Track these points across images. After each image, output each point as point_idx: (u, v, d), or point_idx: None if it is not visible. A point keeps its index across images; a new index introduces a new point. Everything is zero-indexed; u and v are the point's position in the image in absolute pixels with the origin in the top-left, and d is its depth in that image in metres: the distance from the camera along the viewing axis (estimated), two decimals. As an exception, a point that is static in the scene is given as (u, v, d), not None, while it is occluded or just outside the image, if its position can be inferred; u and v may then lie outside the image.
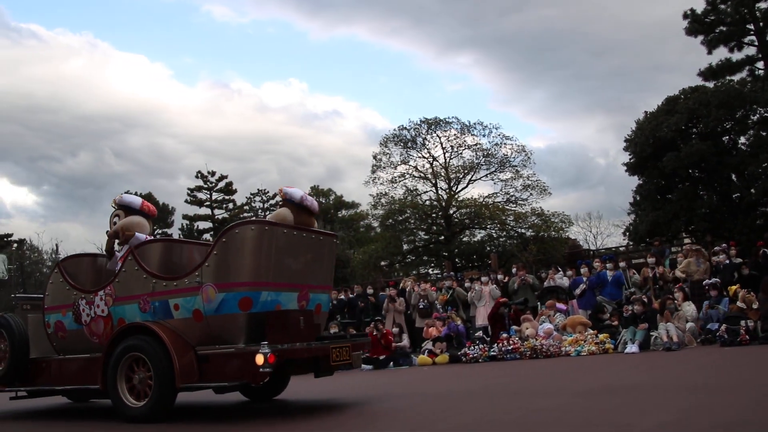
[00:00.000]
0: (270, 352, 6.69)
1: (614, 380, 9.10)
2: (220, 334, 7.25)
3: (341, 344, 7.98)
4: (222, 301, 7.16)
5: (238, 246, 7.28)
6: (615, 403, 6.76)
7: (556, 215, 36.40)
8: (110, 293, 8.09)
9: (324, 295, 8.57)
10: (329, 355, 7.64)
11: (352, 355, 8.09)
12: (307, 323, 7.70)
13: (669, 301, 14.18)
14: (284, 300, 7.63)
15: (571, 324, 14.66)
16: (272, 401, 9.26)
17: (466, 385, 10.24)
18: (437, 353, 14.98)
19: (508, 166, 38.50)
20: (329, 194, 62.89)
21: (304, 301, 8.01)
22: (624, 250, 31.22)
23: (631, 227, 33.56)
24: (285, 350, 6.98)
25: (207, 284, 7.23)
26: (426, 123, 38.80)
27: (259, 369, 6.68)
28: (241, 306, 7.16)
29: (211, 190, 55.65)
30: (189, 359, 7.14)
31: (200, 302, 7.26)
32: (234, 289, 7.18)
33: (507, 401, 7.73)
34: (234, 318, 7.18)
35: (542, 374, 11.02)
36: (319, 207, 8.46)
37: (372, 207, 41.27)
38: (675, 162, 28.78)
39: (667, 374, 9.53)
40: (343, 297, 19.10)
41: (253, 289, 7.24)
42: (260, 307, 7.27)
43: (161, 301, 7.56)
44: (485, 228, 37.98)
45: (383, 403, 8.45)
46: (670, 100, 31.31)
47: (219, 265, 7.27)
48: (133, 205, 8.74)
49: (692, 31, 32.35)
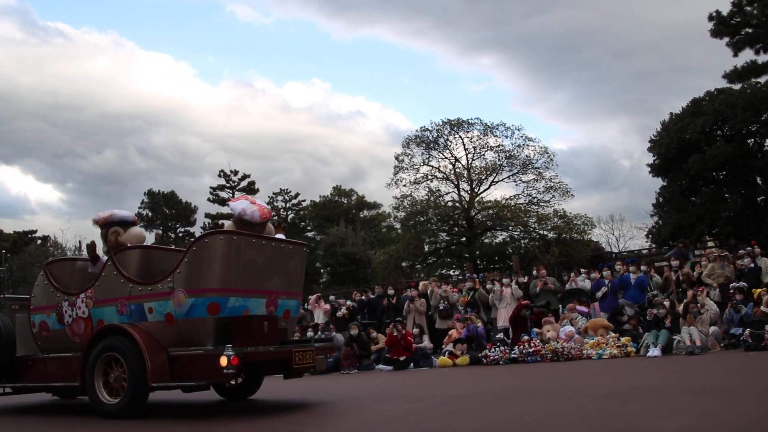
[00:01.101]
0: (233, 354, 7.08)
1: (636, 384, 9.03)
2: (190, 336, 7.68)
3: (304, 348, 8.28)
4: (192, 305, 7.61)
5: (207, 254, 7.75)
6: (636, 407, 6.70)
7: (579, 217, 36.26)
8: (91, 296, 8.53)
9: (293, 301, 9.00)
10: (292, 358, 7.93)
11: (316, 358, 8.39)
12: (272, 328, 8.05)
13: (692, 304, 14.05)
14: (252, 305, 8.05)
15: (592, 327, 14.57)
16: (246, 401, 9.61)
17: (485, 387, 10.21)
18: (458, 355, 14.94)
19: (531, 167, 38.40)
20: (351, 194, 62.98)
21: (273, 307, 8.44)
22: (647, 252, 30.97)
23: (654, 230, 33.32)
24: (248, 353, 7.31)
25: (178, 290, 7.68)
26: (448, 124, 38.78)
27: (223, 370, 7.09)
28: (209, 311, 7.59)
29: (234, 189, 55.92)
30: (161, 360, 7.58)
31: (172, 306, 7.71)
32: (203, 294, 7.62)
33: (526, 404, 7.69)
34: (203, 322, 7.62)
35: (563, 377, 10.96)
36: (269, 212, 8.74)
37: (394, 209, 41.31)
38: (700, 164, 28.55)
39: (689, 378, 9.44)
40: (363, 298, 19.10)
41: (221, 295, 7.67)
42: (228, 312, 7.70)
43: (137, 304, 7.99)
44: (507, 230, 37.92)
45: (400, 405, 8.44)
46: (695, 102, 31.08)
47: (189, 271, 7.72)
48: (129, 219, 9.11)
49: (717, 33, 32.07)
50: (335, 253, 44.08)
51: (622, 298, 15.90)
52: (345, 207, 60.47)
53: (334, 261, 44.28)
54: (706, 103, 30.32)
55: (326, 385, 12.67)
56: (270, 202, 58.96)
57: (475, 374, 12.63)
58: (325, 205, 60.26)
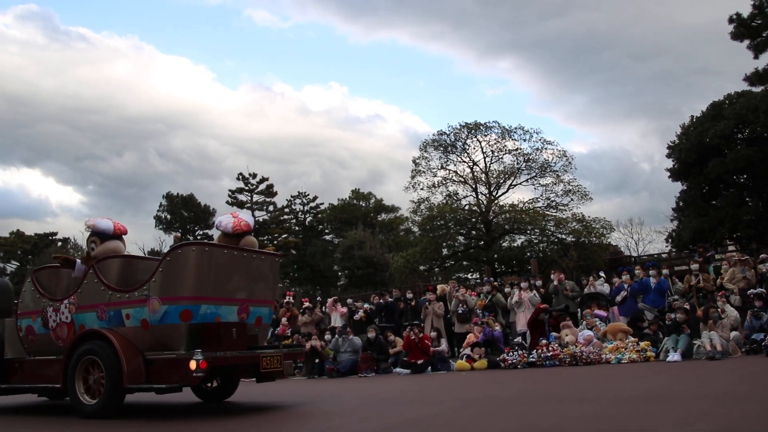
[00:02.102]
0: (202, 358, 7.55)
1: (655, 388, 8.95)
2: (164, 341, 8.11)
3: (272, 353, 8.75)
4: (165, 312, 8.04)
5: (180, 264, 8.19)
6: (655, 412, 6.63)
7: (598, 221, 36.03)
8: (74, 302, 8.95)
9: (265, 309, 9.43)
10: (259, 363, 8.41)
11: (284, 363, 8.84)
12: (240, 334, 8.55)
13: (712, 309, 13.91)
14: (224, 312, 8.50)
15: (611, 331, 14.47)
16: (223, 403, 9.99)
17: (503, 391, 10.16)
18: (476, 359, 14.87)
19: (549, 171, 38.21)
20: (369, 198, 63.00)
21: (245, 314, 8.87)
22: (666, 256, 30.78)
23: (674, 234, 33.12)
24: (216, 357, 7.81)
25: (153, 297, 8.13)
26: (466, 127, 38.68)
27: (193, 373, 7.55)
28: (181, 317, 8.04)
29: (252, 192, 56.08)
30: (137, 363, 8.01)
31: (147, 313, 8.15)
32: (176, 302, 8.07)
33: (544, 408, 7.64)
34: (176, 328, 8.06)
35: (581, 381, 10.87)
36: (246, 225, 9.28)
37: (412, 212, 41.27)
38: (720, 168, 28.36)
39: (709, 383, 9.34)
40: (381, 301, 19.07)
41: (193, 302, 8.12)
42: (200, 319, 8.15)
43: (115, 310, 8.45)
44: (525, 233, 37.72)
45: (417, 409, 8.41)
46: (715, 106, 30.88)
47: (164, 280, 8.16)
48: (107, 231, 9.41)
49: (738, 36, 31.83)
50: (353, 257, 44.11)
51: (642, 302, 15.79)
52: (363, 210, 60.52)
53: (352, 264, 44.32)
54: (726, 106, 30.08)
55: (343, 387, 12.66)
56: (288, 205, 59.08)
57: (493, 378, 12.56)
58: (344, 208, 60.34)
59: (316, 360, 16.27)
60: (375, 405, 9.13)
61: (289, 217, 59.79)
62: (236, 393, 10.25)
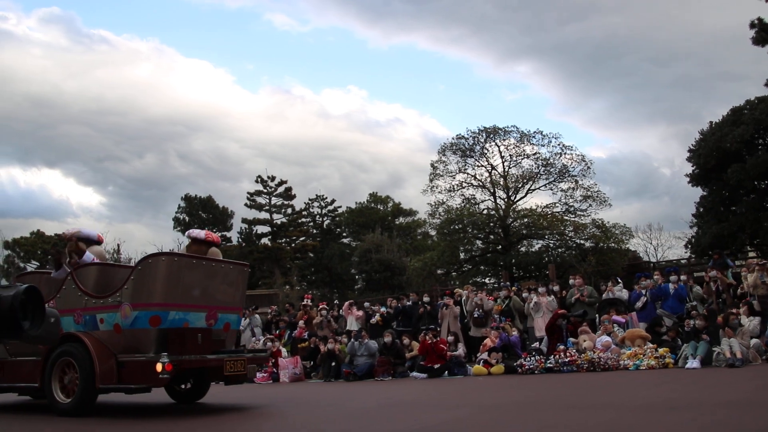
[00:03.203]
0: (167, 361, 8.05)
1: (674, 396, 8.90)
2: (135, 345, 8.61)
3: (236, 358, 9.30)
4: (136, 317, 8.56)
5: (151, 273, 8.73)
6: (674, 420, 6.58)
7: (617, 227, 35.88)
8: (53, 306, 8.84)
9: (233, 315, 9.91)
10: (223, 367, 8.96)
11: (248, 367, 9.39)
12: (206, 339, 9.08)
13: (732, 316, 13.81)
14: (192, 319, 8.98)
15: (630, 337, 14.38)
16: (195, 404, 10.42)
17: (519, 397, 10.13)
18: (492, 363, 14.83)
19: (568, 176, 38.09)
20: (387, 201, 62.99)
21: (213, 320, 9.36)
22: (686, 262, 30.58)
23: (693, 239, 32.90)
24: (181, 360, 8.34)
25: (125, 303, 8.63)
26: (485, 132, 38.64)
27: (159, 375, 8.03)
28: (151, 322, 8.53)
29: (271, 195, 56.13)
30: (110, 365, 8.49)
31: (119, 318, 8.66)
32: (146, 308, 8.58)
33: (561, 415, 7.60)
34: (145, 332, 8.56)
35: (599, 388, 10.82)
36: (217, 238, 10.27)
37: (429, 215, 41.26)
38: (740, 173, 28.14)
39: (729, 391, 9.27)
40: (399, 305, 19.05)
41: (162, 309, 8.62)
42: (168, 324, 8.64)
43: (90, 315, 8.97)
44: (543, 238, 37.63)
45: (434, 414, 8.40)
46: (735, 111, 30.66)
47: (135, 288, 8.68)
48: (93, 237, 10.23)
49: (759, 41, 31.50)
50: (370, 260, 44.12)
51: (661, 308, 15.69)
52: (381, 214, 60.48)
53: (370, 267, 44.31)
54: (746, 112, 29.87)
55: (360, 391, 12.66)
56: (306, 208, 59.16)
57: (510, 383, 12.52)
58: (361, 211, 60.34)
59: (333, 363, 16.28)
60: (391, 409, 9.13)
61: (307, 220, 59.86)
62: (244, 395, 10.59)
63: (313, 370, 17.19)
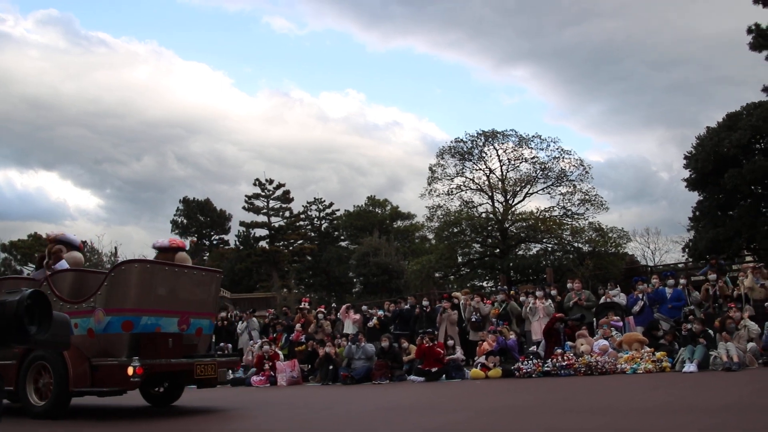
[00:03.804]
0: (138, 365, 8.31)
1: (671, 400, 8.92)
2: (108, 349, 8.81)
3: (206, 362, 9.58)
4: (109, 322, 8.79)
5: (123, 280, 8.99)
6: (671, 424, 6.61)
7: (614, 230, 35.93)
8: None
9: (205, 320, 10.17)
10: (193, 370, 9.24)
11: (218, 371, 9.68)
12: (177, 343, 9.31)
13: (729, 320, 13.83)
14: (164, 323, 9.22)
15: (627, 341, 14.40)
16: (169, 406, 10.69)
17: (517, 401, 10.15)
18: (490, 367, 14.84)
19: (566, 180, 38.11)
20: (385, 205, 63.01)
21: (185, 325, 9.58)
22: (683, 266, 30.61)
23: (690, 243, 32.95)
24: (151, 364, 8.61)
25: (98, 308, 8.86)
26: (483, 135, 38.66)
27: (130, 378, 8.30)
28: (123, 327, 8.78)
29: (269, 198, 56.12)
30: (84, 368, 8.68)
31: (93, 323, 8.87)
32: (118, 313, 8.82)
33: (558, 418, 7.62)
34: (118, 337, 8.80)
35: (596, 391, 10.84)
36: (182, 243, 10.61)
37: (427, 219, 41.28)
38: (737, 178, 28.19)
39: (726, 395, 9.29)
40: (396, 308, 19.05)
41: (134, 314, 8.87)
42: (140, 329, 8.87)
43: None
44: (541, 242, 37.65)
45: (431, 417, 8.41)
46: (731, 116, 30.73)
47: (108, 294, 8.91)
48: (75, 242, 10.57)
49: (756, 46, 31.52)
50: (368, 263, 44.11)
51: (658, 312, 15.72)
52: (379, 217, 60.52)
53: (367, 271, 44.30)
54: (743, 117, 29.94)
55: (357, 394, 12.68)
56: (304, 212, 59.17)
57: (508, 387, 12.54)
58: (359, 215, 60.36)
59: (330, 366, 16.28)
60: (389, 413, 9.15)
61: (305, 223, 59.87)
62: (241, 398, 10.51)
63: (310, 373, 17.20)
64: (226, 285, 48.93)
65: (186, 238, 59.28)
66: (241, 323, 20.85)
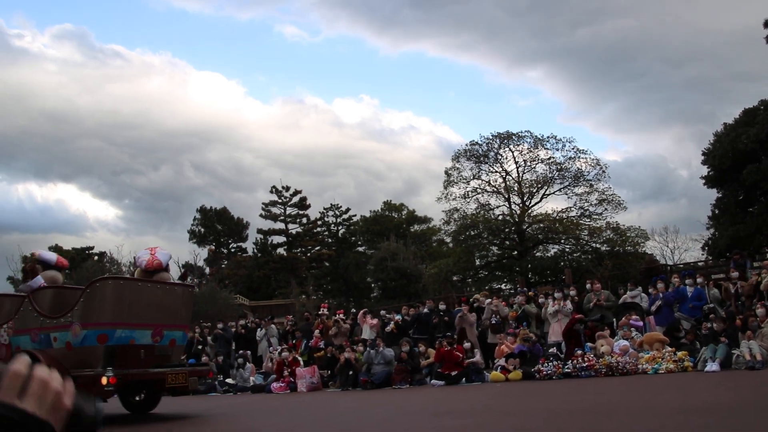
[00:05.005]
0: (112, 375, 8.88)
1: (695, 400, 8.81)
2: (85, 360, 9.35)
3: (177, 371, 10.19)
4: (85, 336, 9.35)
5: (99, 295, 9.60)
6: (697, 425, 6.52)
7: (632, 230, 35.69)
8: (11, 326, 10.30)
9: (179, 332, 10.77)
10: (165, 380, 9.83)
11: (189, 379, 10.26)
12: (149, 354, 9.93)
13: (752, 318, 13.68)
14: (138, 336, 9.81)
15: (648, 341, 14.29)
16: (147, 414, 11.23)
17: (538, 404, 10.08)
18: (510, 369, 14.76)
19: (583, 180, 37.91)
20: (401, 209, 62.97)
21: (158, 337, 10.14)
22: (703, 265, 30.37)
23: (710, 241, 32.72)
24: (124, 374, 9.18)
25: (75, 323, 9.40)
26: (498, 137, 38.57)
27: (104, 388, 8.84)
28: (98, 340, 9.33)
29: (285, 205, 56.27)
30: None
31: (70, 336, 9.44)
32: (94, 327, 9.38)
33: (581, 420, 7.55)
34: (94, 349, 9.36)
35: (618, 393, 10.74)
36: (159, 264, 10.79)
37: (444, 222, 41.22)
38: (756, 174, 27.97)
39: (750, 394, 9.19)
40: (415, 313, 18.99)
41: (109, 327, 9.43)
42: (115, 341, 9.44)
43: (45, 334, 9.76)
44: (559, 243, 37.47)
45: (450, 422, 8.37)
46: (748, 112, 30.50)
47: (84, 309, 9.49)
48: (51, 261, 10.85)
49: (773, 41, 31.41)
50: (386, 268, 44.10)
51: (679, 311, 15.58)
52: (396, 221, 60.46)
53: (385, 275, 44.30)
54: (761, 112, 29.71)
55: (378, 399, 12.65)
56: (321, 218, 59.25)
57: (528, 390, 12.46)
58: (376, 219, 60.34)
59: (350, 372, 16.25)
60: (409, 417, 9.11)
61: (322, 229, 59.95)
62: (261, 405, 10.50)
63: (330, 379, 17.18)
64: (244, 292, 49.11)
65: (204, 247, 59.54)
66: (260, 330, 20.88)
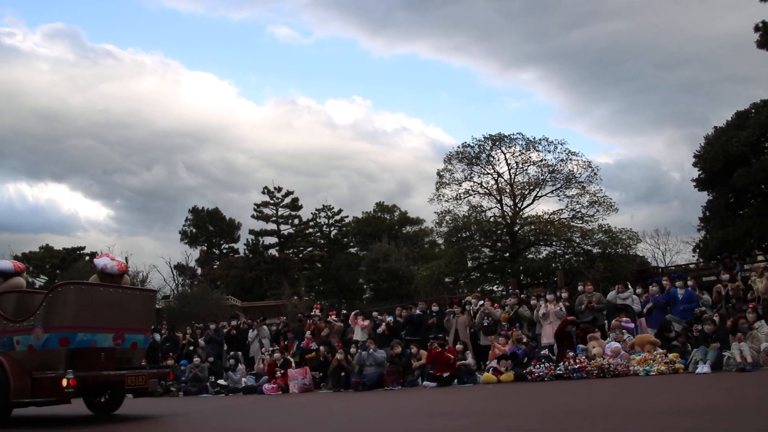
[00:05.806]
0: (72, 377, 9.11)
1: (686, 402, 8.84)
2: (47, 363, 9.56)
3: (137, 373, 10.45)
4: (47, 339, 9.54)
5: (60, 300, 9.76)
6: (687, 426, 6.55)
7: (624, 232, 35.83)
8: None
9: (140, 336, 11.06)
10: (124, 381, 10.09)
11: (149, 381, 10.51)
12: (110, 357, 10.20)
13: (742, 320, 13.72)
14: (99, 339, 10.07)
15: (639, 343, 14.33)
16: (111, 415, 11.37)
17: (530, 405, 10.10)
18: (502, 371, 14.77)
19: (575, 182, 38.04)
20: (393, 210, 63.00)
21: (120, 340, 10.42)
22: (694, 267, 30.48)
23: (701, 244, 32.82)
24: (84, 376, 9.40)
25: (37, 326, 9.59)
26: (490, 139, 38.65)
27: (65, 390, 9.10)
28: (60, 343, 9.56)
29: (277, 206, 56.21)
30: (25, 381, 9.41)
31: (33, 339, 9.61)
32: (56, 330, 9.59)
33: (572, 422, 7.56)
34: (55, 352, 9.58)
35: (610, 394, 10.77)
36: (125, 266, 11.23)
37: (436, 224, 41.28)
38: (746, 177, 28.07)
39: (742, 396, 9.22)
40: (407, 314, 18.98)
41: (70, 331, 9.66)
42: (76, 344, 9.69)
43: (8, 337, 9.89)
44: (551, 245, 37.59)
45: (442, 423, 8.38)
46: (739, 115, 30.62)
47: (47, 313, 9.65)
48: (9, 270, 10.90)
49: (764, 44, 31.47)
50: (378, 269, 44.11)
51: (670, 313, 15.63)
52: (388, 223, 60.50)
53: (377, 277, 44.32)
54: (752, 115, 29.83)
55: (369, 401, 12.64)
56: (313, 219, 59.22)
57: (520, 391, 12.47)
58: (368, 221, 60.37)
59: (342, 373, 16.25)
60: (402, 419, 9.11)
61: (314, 230, 59.91)
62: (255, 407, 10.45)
63: (322, 380, 17.16)
64: (236, 293, 49.03)
65: (196, 247, 59.44)
66: (252, 331, 20.84)
